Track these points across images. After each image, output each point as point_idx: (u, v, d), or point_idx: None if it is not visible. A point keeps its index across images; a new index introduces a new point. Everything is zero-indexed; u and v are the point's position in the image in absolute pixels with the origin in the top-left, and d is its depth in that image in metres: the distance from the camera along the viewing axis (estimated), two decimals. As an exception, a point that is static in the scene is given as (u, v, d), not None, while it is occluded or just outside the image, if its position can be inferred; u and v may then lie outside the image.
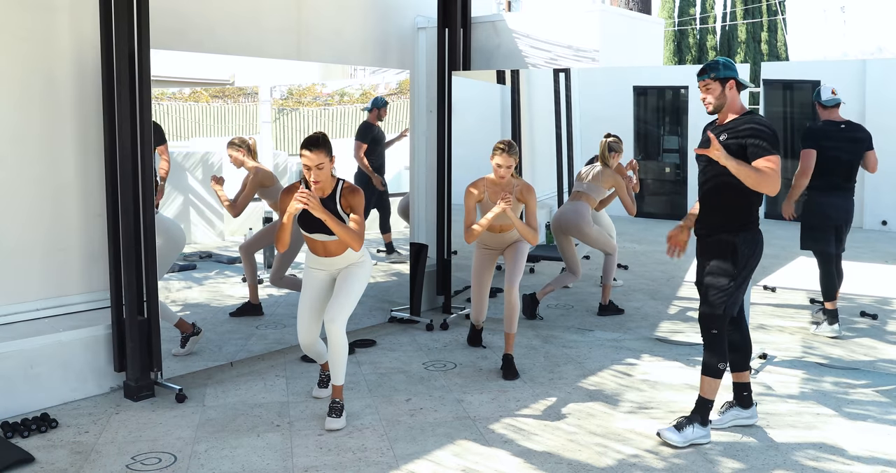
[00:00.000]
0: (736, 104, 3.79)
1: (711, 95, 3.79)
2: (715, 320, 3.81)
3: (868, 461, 3.69)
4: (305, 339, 4.25)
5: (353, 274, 4.15)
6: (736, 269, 3.77)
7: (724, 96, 3.77)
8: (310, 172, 3.88)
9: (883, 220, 5.34)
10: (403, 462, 3.67)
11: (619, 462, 3.69)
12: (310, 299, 4.21)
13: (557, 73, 6.15)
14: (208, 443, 3.88)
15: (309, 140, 3.88)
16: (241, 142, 5.17)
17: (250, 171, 5.18)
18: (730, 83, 3.76)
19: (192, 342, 4.89)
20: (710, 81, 3.77)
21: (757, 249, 3.82)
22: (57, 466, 3.62)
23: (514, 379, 4.84)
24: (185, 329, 4.88)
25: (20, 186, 4.49)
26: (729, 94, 3.77)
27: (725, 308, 3.80)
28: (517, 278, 4.92)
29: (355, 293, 4.12)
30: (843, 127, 5.12)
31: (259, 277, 5.49)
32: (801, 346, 5.33)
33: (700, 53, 21.50)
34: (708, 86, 3.78)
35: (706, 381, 3.86)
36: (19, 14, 4.42)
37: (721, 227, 3.81)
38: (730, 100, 3.78)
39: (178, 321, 4.86)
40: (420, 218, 6.78)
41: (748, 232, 3.79)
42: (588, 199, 5.88)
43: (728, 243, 3.77)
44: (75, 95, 4.63)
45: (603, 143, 5.76)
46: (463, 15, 6.36)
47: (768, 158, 3.59)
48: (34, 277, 4.59)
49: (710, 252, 3.85)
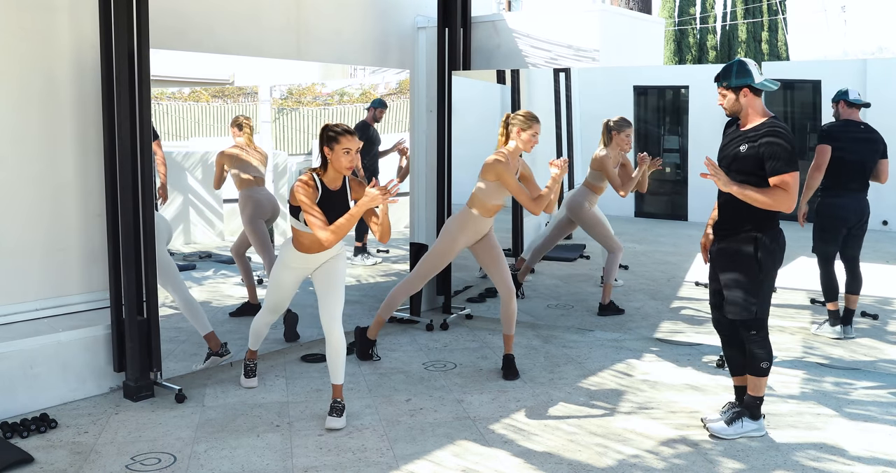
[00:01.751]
0: (756, 108, 3.78)
1: (727, 103, 3.82)
2: (752, 324, 3.83)
3: (869, 461, 3.68)
4: (263, 331, 4.57)
5: (336, 271, 4.17)
6: (762, 273, 3.79)
7: (739, 103, 3.78)
8: (348, 156, 3.96)
9: (884, 220, 5.34)
10: (403, 463, 3.66)
11: (620, 462, 3.68)
12: (278, 298, 4.39)
13: (558, 73, 6.14)
14: (208, 443, 3.87)
15: (345, 127, 4.01)
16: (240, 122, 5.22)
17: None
18: (743, 91, 3.75)
19: (212, 361, 4.86)
20: (724, 89, 3.80)
21: (777, 251, 3.82)
22: (56, 466, 3.62)
23: (515, 380, 4.84)
24: (213, 345, 4.83)
25: (20, 186, 4.49)
26: (744, 101, 3.77)
27: (758, 311, 3.82)
28: (511, 279, 4.89)
29: (343, 289, 4.18)
30: (863, 128, 5.12)
31: (257, 277, 5.48)
32: (802, 346, 5.32)
33: (700, 53, 21.50)
34: (723, 93, 3.82)
35: (751, 380, 3.93)
36: (19, 13, 4.41)
37: (741, 228, 3.79)
38: (746, 106, 3.78)
39: (209, 333, 4.81)
40: (420, 218, 6.77)
41: (768, 232, 3.78)
42: (587, 183, 5.88)
43: (748, 248, 3.77)
44: (75, 95, 4.63)
45: (603, 123, 5.76)
46: (463, 15, 6.36)
47: (783, 178, 3.62)
48: (34, 277, 4.59)
49: (731, 258, 3.85)
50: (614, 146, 5.75)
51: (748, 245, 3.77)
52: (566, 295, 6.41)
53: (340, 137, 3.94)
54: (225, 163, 5.22)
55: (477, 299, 6.52)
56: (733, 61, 3.83)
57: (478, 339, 5.75)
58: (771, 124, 3.72)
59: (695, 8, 21.74)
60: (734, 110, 3.82)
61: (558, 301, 6.37)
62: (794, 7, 40.24)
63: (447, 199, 6.37)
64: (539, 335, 5.84)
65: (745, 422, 3.94)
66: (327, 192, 3.99)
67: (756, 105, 3.79)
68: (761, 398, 3.95)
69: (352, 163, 3.98)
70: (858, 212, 5.15)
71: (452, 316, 6.26)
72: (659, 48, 7.00)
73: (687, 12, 21.68)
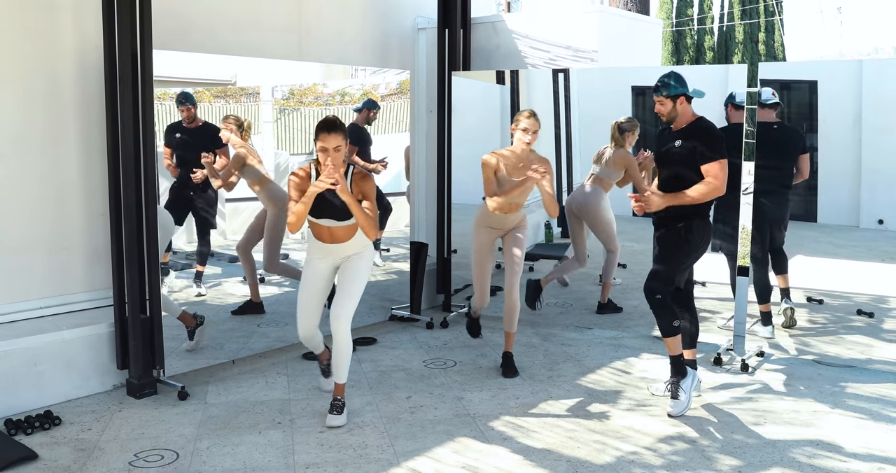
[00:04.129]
0: (688, 112, 4.30)
1: (665, 109, 4.28)
2: (658, 289, 4.25)
3: (864, 457, 3.73)
4: (306, 332, 4.26)
5: (356, 269, 4.13)
6: (687, 252, 4.31)
7: (676, 110, 4.27)
8: (326, 156, 3.82)
9: (879, 219, 5.37)
10: (404, 459, 3.70)
11: (618, 459, 3.72)
12: (309, 292, 4.19)
13: (556, 74, 6.18)
14: (210, 440, 3.91)
15: (325, 123, 3.85)
16: (233, 120, 5.20)
17: (235, 147, 5.21)
18: (680, 99, 4.25)
19: (198, 333, 4.90)
20: (663, 98, 4.26)
21: (706, 237, 4.35)
22: (60, 463, 3.65)
23: (514, 377, 4.87)
24: (188, 322, 4.89)
25: (24, 185, 4.52)
26: (680, 108, 4.27)
27: (670, 281, 4.32)
28: (517, 276, 4.91)
29: (359, 289, 4.13)
30: (776, 128, 5.27)
31: (260, 275, 5.51)
32: (798, 344, 5.37)
33: (698, 54, 21.54)
34: (661, 101, 4.27)
35: (668, 342, 4.32)
36: (22, 14, 4.44)
37: (677, 217, 4.27)
38: (681, 112, 4.28)
39: (181, 314, 4.87)
40: (420, 217, 6.81)
41: (700, 220, 4.29)
42: (602, 183, 5.87)
43: (681, 231, 4.27)
44: (78, 95, 4.66)
45: (613, 125, 5.78)
46: (463, 15, 6.40)
47: (712, 165, 4.15)
48: (37, 275, 4.62)
49: (666, 237, 4.34)
50: (627, 146, 5.79)
51: (682, 230, 4.27)
52: (565, 293, 6.44)
53: (319, 133, 3.83)
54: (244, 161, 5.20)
55: (476, 298, 6.55)
56: (669, 73, 4.29)
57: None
58: (700, 120, 4.28)
59: (692, 9, 21.78)
60: (671, 116, 4.29)
61: (557, 299, 6.41)
62: (790, 8, 40.28)
63: (447, 199, 6.40)
64: (538, 333, 5.87)
65: (683, 384, 4.28)
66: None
67: (688, 110, 4.29)
68: (682, 354, 4.34)
69: (332, 161, 3.79)
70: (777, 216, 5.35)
71: (452, 314, 6.30)
72: (657, 49, 7.04)
73: (684, 13, 21.72)
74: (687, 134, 4.25)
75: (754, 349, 5.27)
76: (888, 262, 5.24)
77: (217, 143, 4.97)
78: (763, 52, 21.48)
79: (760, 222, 5.32)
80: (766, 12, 21.62)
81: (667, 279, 4.30)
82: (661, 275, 4.29)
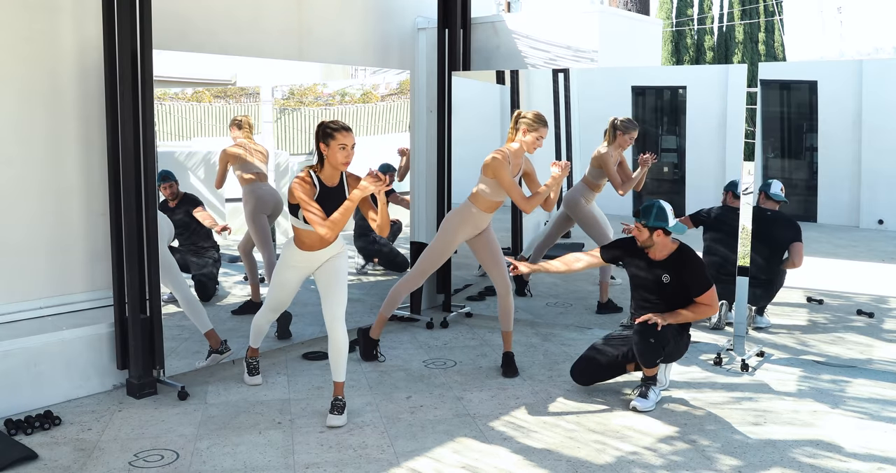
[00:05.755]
0: (667, 245, 4.39)
1: (641, 237, 4.36)
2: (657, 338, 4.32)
3: (865, 458, 3.73)
4: (264, 328, 4.64)
5: (339, 270, 4.20)
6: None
7: (651, 240, 4.34)
8: (344, 152, 3.99)
9: (879, 219, 5.37)
10: (404, 459, 3.70)
11: (618, 459, 3.72)
12: (280, 297, 4.42)
13: (556, 74, 6.18)
14: (210, 440, 3.91)
15: (341, 123, 4.05)
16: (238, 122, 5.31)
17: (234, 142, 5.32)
18: (658, 231, 4.31)
19: (213, 358, 4.89)
20: (640, 226, 4.33)
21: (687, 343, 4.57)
22: (60, 463, 3.65)
23: (514, 377, 4.88)
24: (213, 343, 4.86)
25: (24, 186, 4.52)
26: (657, 240, 4.34)
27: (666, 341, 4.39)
28: (508, 275, 4.92)
29: (345, 287, 4.21)
30: (769, 214, 5.29)
31: (261, 275, 5.51)
32: (798, 344, 5.37)
33: (698, 54, 21.56)
34: (639, 228, 4.35)
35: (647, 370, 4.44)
36: (22, 14, 4.44)
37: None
38: (658, 243, 4.36)
39: (209, 331, 4.84)
40: (420, 217, 6.81)
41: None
42: (586, 181, 5.91)
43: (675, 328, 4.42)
44: (78, 95, 4.66)
45: (610, 121, 5.78)
46: (463, 16, 6.40)
47: (705, 296, 4.33)
48: (38, 275, 4.62)
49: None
50: (616, 145, 5.78)
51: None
52: (565, 293, 6.45)
53: (336, 133, 3.97)
54: (228, 160, 5.26)
55: (476, 297, 6.56)
56: (654, 203, 4.33)
57: (477, 337, 5.79)
58: (680, 252, 4.38)
59: (692, 9, 21.80)
60: (646, 244, 4.37)
61: (557, 299, 6.41)
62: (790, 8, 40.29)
63: (447, 199, 6.40)
64: (538, 333, 5.87)
65: (655, 388, 4.40)
66: (325, 189, 4.02)
67: (666, 242, 4.37)
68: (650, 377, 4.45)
69: (348, 158, 4.01)
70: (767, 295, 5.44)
71: (452, 314, 6.30)
72: (657, 49, 7.04)
73: (684, 13, 21.74)
74: (673, 268, 4.36)
75: (754, 349, 5.27)
76: (888, 262, 5.24)
77: (195, 204, 5.17)
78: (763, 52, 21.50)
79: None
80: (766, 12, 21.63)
81: (664, 340, 4.34)
82: (660, 337, 4.31)
